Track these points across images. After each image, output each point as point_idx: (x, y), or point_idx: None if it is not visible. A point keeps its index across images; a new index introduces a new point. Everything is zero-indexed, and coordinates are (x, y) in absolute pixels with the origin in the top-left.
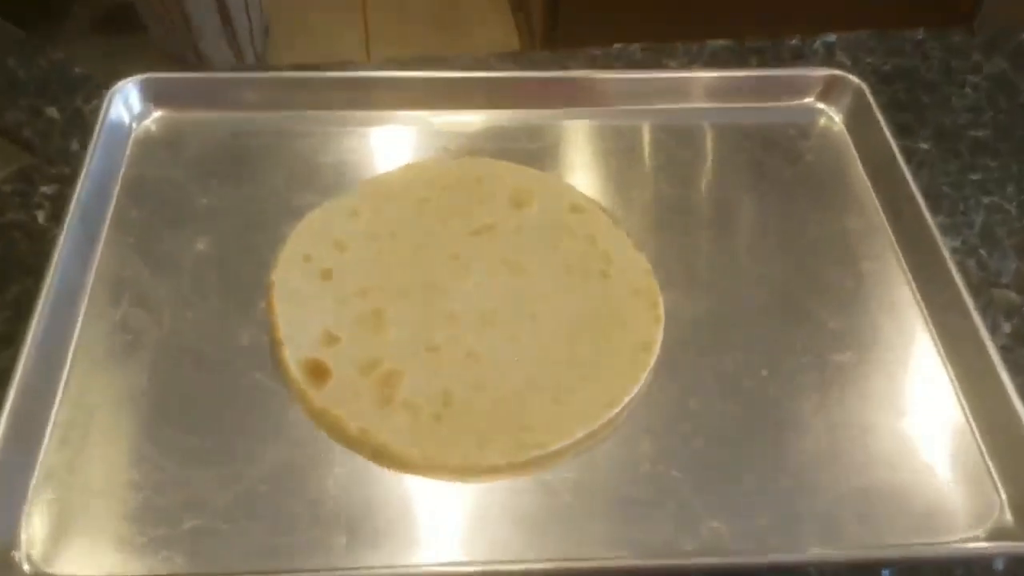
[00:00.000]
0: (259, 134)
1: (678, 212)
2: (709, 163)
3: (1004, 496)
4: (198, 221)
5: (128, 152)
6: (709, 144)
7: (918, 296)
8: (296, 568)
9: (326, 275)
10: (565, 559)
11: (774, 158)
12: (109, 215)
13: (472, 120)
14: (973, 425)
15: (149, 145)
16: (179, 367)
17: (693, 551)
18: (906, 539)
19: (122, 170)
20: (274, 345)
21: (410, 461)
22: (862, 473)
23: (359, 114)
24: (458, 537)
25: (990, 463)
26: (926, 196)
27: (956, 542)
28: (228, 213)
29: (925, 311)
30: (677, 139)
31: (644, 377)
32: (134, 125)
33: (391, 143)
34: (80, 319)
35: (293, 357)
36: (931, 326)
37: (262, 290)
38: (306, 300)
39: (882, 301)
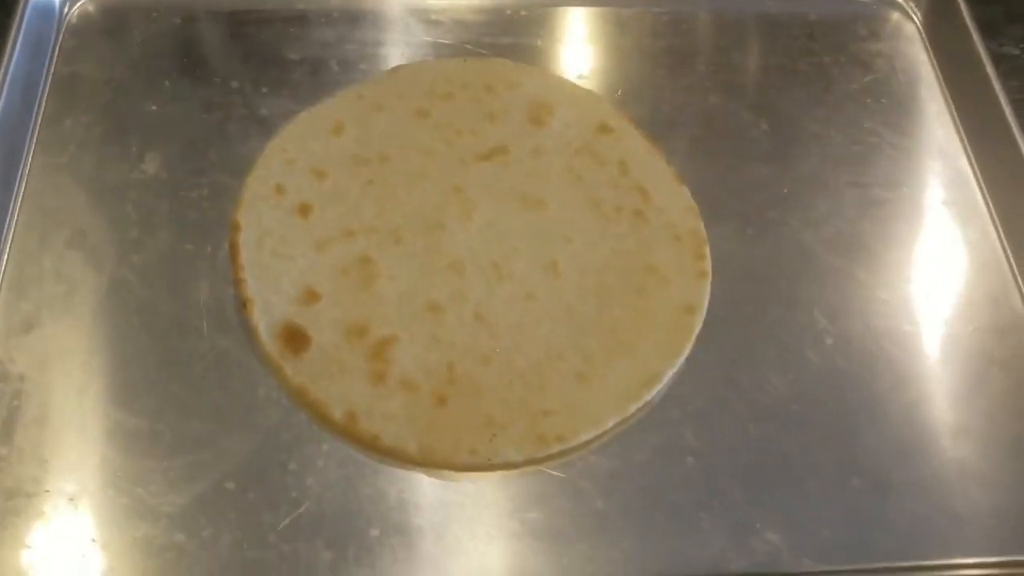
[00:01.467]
0: (218, 20)
1: (726, 132)
2: (764, 70)
3: None
4: (146, 135)
5: (59, 43)
6: (764, 45)
7: (1005, 242)
8: None
9: (303, 211)
10: None
11: (840, 65)
12: (35, 126)
13: (475, 5)
14: None
15: (85, 34)
16: (124, 328)
17: (742, 574)
18: (994, 553)
19: (51, 67)
20: (240, 303)
21: (408, 455)
22: (944, 471)
23: None
24: (467, 552)
25: None
26: (1015, 115)
27: None
28: (182, 124)
29: (1013, 261)
30: (727, 38)
31: (688, 347)
32: (66, 8)
33: (378, 35)
34: (1, 264)
35: (264, 320)
36: (1020, 282)
37: (225, 224)
38: (279, 244)
39: (965, 249)
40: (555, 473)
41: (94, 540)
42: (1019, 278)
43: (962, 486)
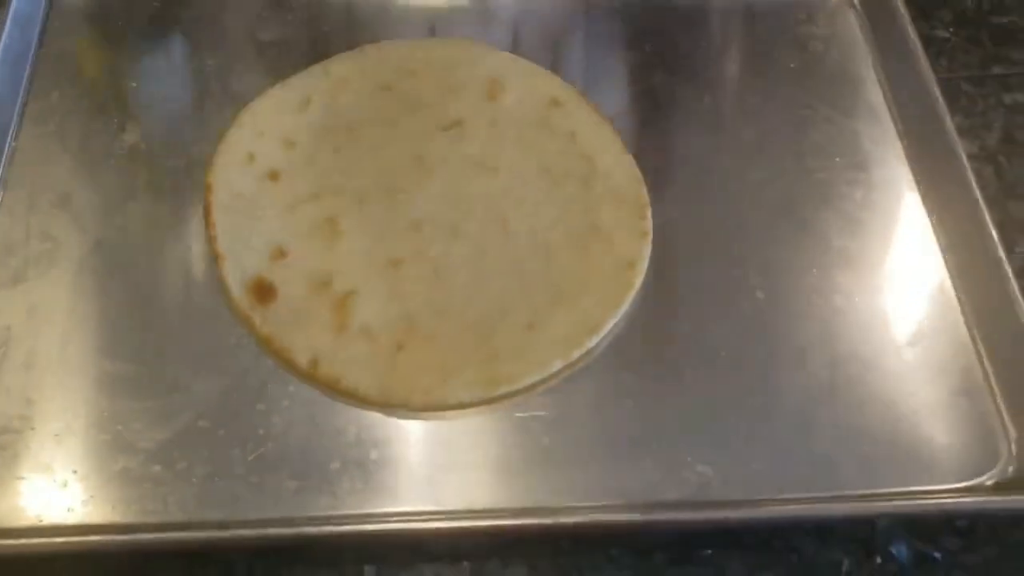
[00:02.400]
0: (196, 5)
1: (670, 107)
2: (707, 50)
3: (1012, 441)
4: (127, 107)
5: (47, 24)
6: (707, 28)
7: (930, 209)
8: (239, 517)
9: (273, 176)
10: (538, 508)
11: (779, 45)
12: (24, 99)
13: None
14: (984, 360)
15: (71, 16)
16: (105, 282)
17: (677, 502)
18: (907, 484)
19: (40, 45)
20: (213, 259)
21: (367, 396)
22: (863, 411)
23: None
24: (421, 482)
25: (1000, 402)
26: (942, 92)
27: (959, 491)
28: (160, 99)
29: (937, 227)
30: (672, 21)
31: (628, 300)
32: None
33: (348, 19)
34: None
35: (235, 274)
36: (942, 245)
37: (200, 192)
38: (249, 206)
39: (891, 215)
40: (504, 413)
41: (75, 472)
42: (941, 243)
43: (880, 424)
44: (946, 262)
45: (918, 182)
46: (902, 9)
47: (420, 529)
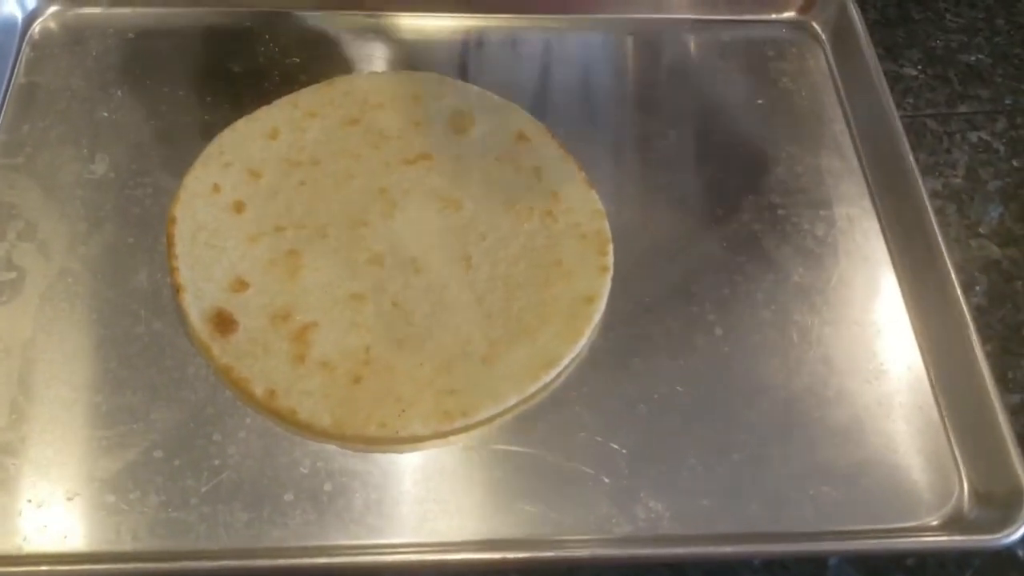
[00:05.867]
0: (169, 35)
1: (636, 142)
2: (677, 86)
3: (965, 479)
4: (97, 138)
5: (20, 55)
6: (679, 63)
7: (891, 247)
8: (191, 548)
9: (237, 208)
10: (489, 541)
11: (747, 82)
12: None
13: (416, 25)
14: (940, 400)
15: (44, 47)
16: (67, 312)
17: (628, 537)
18: (860, 523)
19: (13, 77)
20: (174, 290)
21: (322, 428)
22: (818, 448)
23: (283, 15)
24: (373, 515)
25: (954, 443)
26: (908, 130)
27: (910, 530)
28: (130, 129)
29: (897, 265)
30: (644, 56)
31: (586, 335)
32: (28, 23)
33: (319, 51)
34: None
35: (195, 305)
36: (902, 283)
37: (165, 222)
38: (213, 238)
39: (852, 253)
40: (459, 446)
41: (30, 501)
42: (901, 278)
43: (834, 462)
44: (905, 301)
45: (880, 219)
46: (870, 47)
47: (370, 563)
